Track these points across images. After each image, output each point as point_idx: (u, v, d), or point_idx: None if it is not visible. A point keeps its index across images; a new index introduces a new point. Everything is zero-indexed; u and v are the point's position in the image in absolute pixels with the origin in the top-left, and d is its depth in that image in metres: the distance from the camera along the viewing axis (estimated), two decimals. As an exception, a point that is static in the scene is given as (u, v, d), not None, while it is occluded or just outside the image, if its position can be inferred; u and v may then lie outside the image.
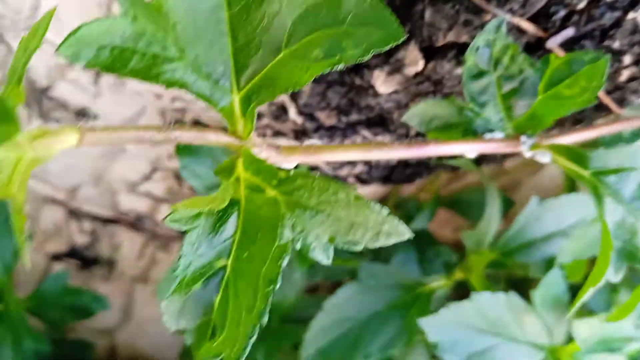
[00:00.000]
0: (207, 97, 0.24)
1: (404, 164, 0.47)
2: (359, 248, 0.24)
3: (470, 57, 0.29)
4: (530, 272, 0.48)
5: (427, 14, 0.31)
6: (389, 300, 0.48)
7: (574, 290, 0.55)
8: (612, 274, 0.30)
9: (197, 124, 0.49)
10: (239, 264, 0.24)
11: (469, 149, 0.30)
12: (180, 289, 0.23)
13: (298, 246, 0.24)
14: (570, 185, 0.55)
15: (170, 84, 0.23)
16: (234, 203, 0.24)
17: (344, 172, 0.47)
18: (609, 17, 0.30)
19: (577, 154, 0.30)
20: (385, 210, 0.23)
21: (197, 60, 0.24)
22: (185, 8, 0.23)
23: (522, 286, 0.61)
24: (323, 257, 0.24)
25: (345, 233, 0.24)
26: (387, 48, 0.22)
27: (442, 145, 0.29)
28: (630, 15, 0.30)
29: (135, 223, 0.68)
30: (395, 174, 0.48)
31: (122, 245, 0.71)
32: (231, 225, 0.24)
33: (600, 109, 0.37)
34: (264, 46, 0.24)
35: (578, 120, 0.39)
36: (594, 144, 0.51)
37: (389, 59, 0.34)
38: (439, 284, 0.49)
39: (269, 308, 0.22)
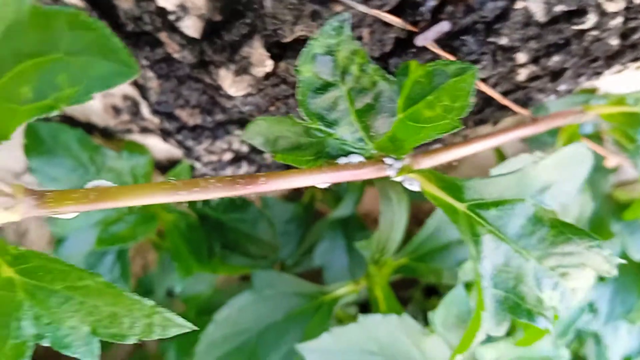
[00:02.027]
0: None
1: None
2: (131, 341, 0.19)
3: (305, 68, 0.22)
4: (444, 279, 0.43)
5: (268, 4, 0.24)
6: (287, 310, 0.43)
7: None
8: (494, 328, 0.25)
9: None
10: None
11: (319, 180, 0.24)
12: None
13: (47, 342, 0.18)
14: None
15: None
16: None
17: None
18: (491, 7, 0.24)
19: (450, 183, 0.24)
20: (149, 302, 0.18)
21: None
22: None
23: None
24: (87, 354, 0.18)
25: (108, 324, 0.18)
26: (116, 86, 0.15)
27: (277, 179, 0.23)
28: (519, 4, 0.24)
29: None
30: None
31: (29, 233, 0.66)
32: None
33: (505, 108, 0.31)
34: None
35: (482, 120, 0.33)
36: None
37: (233, 55, 0.27)
38: (344, 291, 0.43)
39: None
